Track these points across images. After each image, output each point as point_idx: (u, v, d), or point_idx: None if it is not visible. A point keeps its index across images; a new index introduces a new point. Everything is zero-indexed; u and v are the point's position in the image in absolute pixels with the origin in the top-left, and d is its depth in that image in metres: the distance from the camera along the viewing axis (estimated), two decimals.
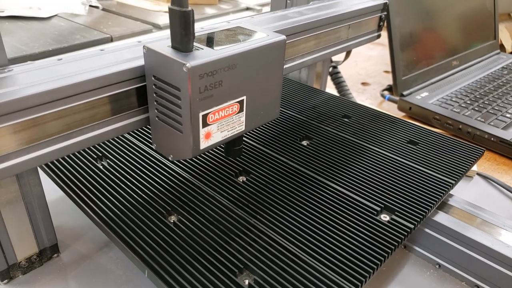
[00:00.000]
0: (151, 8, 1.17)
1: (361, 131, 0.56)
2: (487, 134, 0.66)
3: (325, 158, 0.49)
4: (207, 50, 0.31)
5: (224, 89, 0.32)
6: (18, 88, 0.28)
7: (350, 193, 0.43)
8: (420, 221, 0.39)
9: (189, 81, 0.29)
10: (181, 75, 0.29)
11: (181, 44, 0.30)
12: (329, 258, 0.34)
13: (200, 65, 0.29)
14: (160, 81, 0.32)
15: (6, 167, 0.28)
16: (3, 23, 0.92)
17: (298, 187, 0.43)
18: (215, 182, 0.43)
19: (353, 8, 0.56)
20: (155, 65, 0.32)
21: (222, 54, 0.31)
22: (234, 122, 0.35)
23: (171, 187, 0.43)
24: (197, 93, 0.30)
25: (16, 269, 0.38)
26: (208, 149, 0.34)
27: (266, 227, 0.38)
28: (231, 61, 0.32)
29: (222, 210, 0.39)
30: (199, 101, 0.31)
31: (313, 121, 0.58)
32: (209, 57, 0.30)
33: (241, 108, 0.35)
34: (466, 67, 0.92)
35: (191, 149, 0.33)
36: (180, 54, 0.30)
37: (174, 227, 0.37)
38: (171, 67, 0.30)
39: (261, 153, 0.49)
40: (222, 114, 0.34)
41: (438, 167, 0.48)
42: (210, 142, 0.34)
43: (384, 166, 0.48)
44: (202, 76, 0.30)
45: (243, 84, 0.34)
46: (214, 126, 0.33)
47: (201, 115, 0.32)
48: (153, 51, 0.31)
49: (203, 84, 0.30)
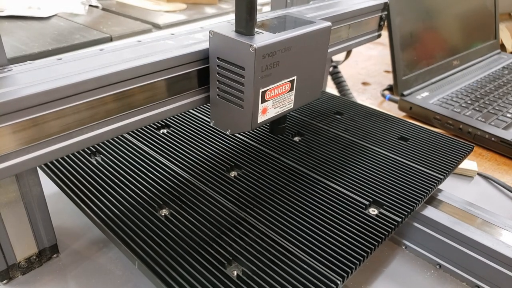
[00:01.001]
0: (151, 8, 1.16)
1: (353, 128, 0.56)
2: (488, 134, 0.66)
3: (316, 154, 0.49)
4: (267, 34, 0.35)
5: (280, 69, 0.37)
6: (18, 88, 0.28)
7: (339, 187, 0.43)
8: (407, 214, 0.39)
9: (255, 60, 0.33)
10: (247, 55, 0.34)
11: (245, 28, 0.34)
12: (317, 251, 0.35)
13: (265, 46, 0.34)
14: (225, 62, 0.36)
15: (6, 167, 0.28)
16: (3, 23, 0.92)
17: (289, 182, 0.44)
18: (207, 177, 0.44)
19: (354, 8, 0.56)
20: (220, 47, 0.36)
21: (281, 37, 0.35)
22: (285, 99, 0.40)
23: (163, 181, 0.43)
24: (259, 71, 0.34)
25: (15, 269, 0.37)
26: (263, 123, 0.39)
27: (256, 220, 0.38)
28: (288, 44, 0.36)
29: (213, 204, 0.40)
30: (260, 79, 0.35)
31: (305, 117, 0.58)
32: (271, 39, 0.35)
33: (292, 87, 0.40)
34: (467, 67, 0.92)
35: (251, 123, 0.37)
36: (245, 37, 0.34)
37: (165, 221, 0.37)
38: (237, 48, 0.34)
39: (253, 148, 0.49)
40: (277, 92, 0.38)
41: (427, 162, 0.48)
42: (266, 117, 0.38)
43: (374, 161, 0.48)
44: (264, 56, 0.34)
45: (295, 65, 0.38)
46: (270, 102, 0.38)
47: (261, 92, 0.36)
48: (220, 35, 0.35)
49: (265, 64, 0.35)
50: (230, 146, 0.50)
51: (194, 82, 0.38)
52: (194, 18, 1.10)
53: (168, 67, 0.35)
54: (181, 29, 0.42)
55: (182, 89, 0.38)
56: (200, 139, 0.51)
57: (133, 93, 0.34)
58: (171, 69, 0.36)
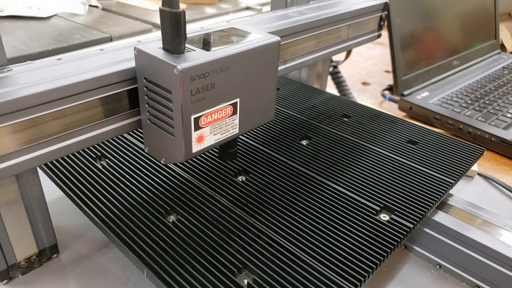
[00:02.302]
0: (151, 7, 1.16)
1: (361, 131, 0.55)
2: (488, 134, 0.66)
3: (325, 158, 0.48)
4: (199, 52, 0.31)
5: (216, 92, 0.32)
6: (18, 88, 0.28)
7: (349, 192, 0.43)
8: (419, 220, 0.39)
9: (180, 83, 0.29)
10: (172, 77, 0.29)
11: (172, 46, 0.30)
12: (328, 258, 0.34)
13: (192, 67, 0.29)
14: (152, 83, 0.31)
15: (6, 167, 0.28)
16: (3, 23, 0.92)
17: (298, 187, 0.43)
18: (214, 182, 0.43)
19: (354, 8, 0.56)
20: (146, 67, 0.31)
21: (214, 56, 0.30)
22: (228, 124, 0.35)
23: (170, 186, 0.42)
24: (188, 95, 0.30)
25: (15, 269, 0.37)
26: (200, 153, 0.34)
27: (265, 226, 0.37)
28: (223, 63, 0.31)
29: (221, 210, 0.39)
30: (190, 104, 0.30)
31: (312, 120, 0.57)
32: (201, 59, 0.30)
33: (235, 111, 0.35)
34: (467, 67, 0.92)
35: (183, 153, 0.32)
36: (171, 56, 0.30)
37: (173, 227, 0.37)
38: (162, 69, 0.29)
39: (261, 152, 0.49)
40: (215, 117, 0.33)
41: (437, 166, 0.48)
42: (203, 146, 0.33)
43: (384, 165, 0.48)
44: (193, 78, 0.29)
45: (236, 86, 0.33)
46: (206, 129, 0.33)
47: (193, 118, 0.31)
48: (144, 53, 0.31)
49: (195, 87, 0.30)
50: (238, 150, 0.49)
51: None
52: (194, 18, 1.10)
53: None
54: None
55: None
56: None
57: (135, 93, 0.34)
58: None
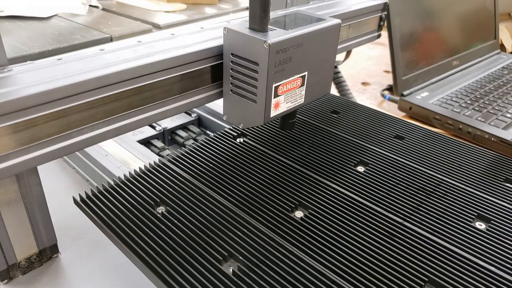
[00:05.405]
0: (151, 8, 1.16)
1: (415, 153, 0.50)
2: (488, 134, 0.66)
3: (383, 186, 0.43)
4: (279, 31, 0.37)
5: (292, 65, 0.38)
6: (18, 88, 0.28)
7: (417, 228, 0.37)
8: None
9: (269, 56, 0.35)
10: (261, 51, 0.35)
11: (259, 25, 0.36)
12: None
13: (278, 42, 0.35)
14: (238, 58, 0.37)
15: (6, 167, 0.28)
16: (3, 23, 0.92)
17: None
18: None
19: (353, 8, 0.56)
20: (234, 44, 0.37)
21: (293, 34, 0.37)
22: (297, 94, 0.41)
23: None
24: (273, 67, 0.36)
25: (16, 269, 0.38)
26: (275, 118, 0.40)
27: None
28: (299, 40, 0.37)
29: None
30: (273, 74, 0.36)
31: (366, 143, 0.51)
32: (284, 35, 0.36)
33: (303, 83, 0.41)
34: (467, 67, 0.92)
35: (263, 117, 0.38)
36: (259, 33, 0.36)
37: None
38: (252, 44, 0.35)
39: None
40: (289, 87, 0.39)
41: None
42: (278, 111, 0.40)
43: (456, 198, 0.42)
44: (278, 52, 0.35)
45: (306, 61, 0.40)
46: (282, 97, 0.39)
47: (274, 86, 0.37)
48: (234, 32, 0.37)
49: (278, 59, 0.36)
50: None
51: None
52: (194, 18, 1.10)
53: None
54: (181, 30, 0.42)
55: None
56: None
57: (140, 91, 0.34)
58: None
